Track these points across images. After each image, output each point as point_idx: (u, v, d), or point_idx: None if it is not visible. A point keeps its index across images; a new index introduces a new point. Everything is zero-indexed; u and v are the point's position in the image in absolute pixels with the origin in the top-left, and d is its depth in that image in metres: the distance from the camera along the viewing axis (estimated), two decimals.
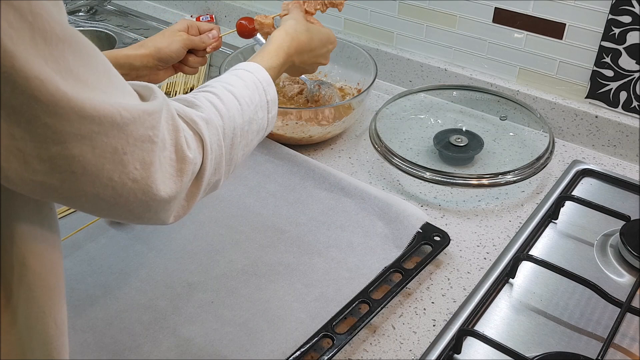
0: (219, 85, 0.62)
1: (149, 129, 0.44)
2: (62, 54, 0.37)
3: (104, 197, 0.43)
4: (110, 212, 0.46)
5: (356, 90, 1.12)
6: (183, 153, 0.49)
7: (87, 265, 0.78)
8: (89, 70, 0.39)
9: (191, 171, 0.51)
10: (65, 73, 0.37)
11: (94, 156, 0.40)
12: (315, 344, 0.67)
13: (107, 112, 0.40)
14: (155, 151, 0.45)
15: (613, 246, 0.80)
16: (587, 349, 0.67)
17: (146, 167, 0.44)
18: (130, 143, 0.42)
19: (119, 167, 0.42)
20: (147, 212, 0.48)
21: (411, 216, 0.82)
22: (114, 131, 0.41)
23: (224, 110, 0.59)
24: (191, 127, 0.53)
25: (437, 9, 1.10)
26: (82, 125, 0.38)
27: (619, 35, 0.93)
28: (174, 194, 0.48)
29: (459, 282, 0.77)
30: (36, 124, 0.36)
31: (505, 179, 0.88)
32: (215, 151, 0.55)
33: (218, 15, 1.43)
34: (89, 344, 0.68)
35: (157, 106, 0.46)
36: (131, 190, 0.44)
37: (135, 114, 0.42)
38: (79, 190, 0.41)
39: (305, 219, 0.85)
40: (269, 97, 0.66)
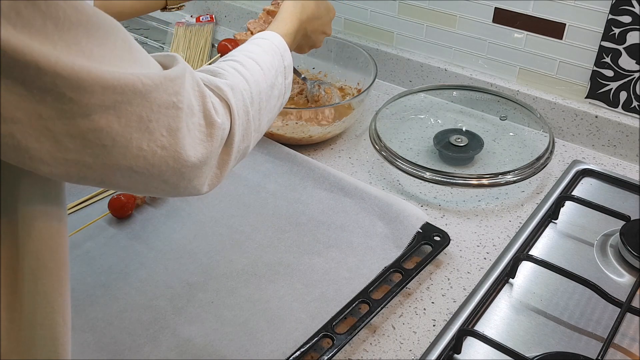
0: (240, 54, 0.64)
1: (172, 95, 0.45)
2: (75, 37, 0.37)
3: (137, 168, 0.44)
4: (147, 186, 0.47)
5: (356, 90, 1.12)
6: (211, 118, 0.50)
7: (87, 265, 0.78)
8: (106, 49, 0.40)
9: (220, 136, 0.51)
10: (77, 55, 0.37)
11: (120, 126, 0.41)
12: (315, 344, 0.67)
13: (129, 80, 0.40)
14: (181, 117, 0.46)
15: (613, 246, 0.80)
16: (587, 349, 0.67)
17: (173, 134, 0.45)
18: (154, 110, 0.43)
19: (146, 135, 0.43)
20: (181, 180, 0.48)
21: (411, 216, 0.82)
22: (137, 99, 0.41)
23: (248, 75, 0.60)
24: (217, 94, 0.54)
25: (437, 9, 1.10)
26: (105, 95, 0.39)
27: (619, 35, 0.93)
28: (204, 158, 0.49)
29: (459, 282, 0.77)
30: (62, 100, 0.37)
31: (505, 179, 0.88)
32: (242, 117, 0.56)
33: (218, 16, 1.43)
34: (89, 344, 0.68)
35: (179, 72, 0.46)
36: (162, 158, 0.45)
37: (157, 80, 0.43)
38: (112, 165, 0.42)
39: (305, 219, 0.85)
40: (286, 63, 0.68)
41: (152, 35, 1.39)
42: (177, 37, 1.34)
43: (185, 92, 0.47)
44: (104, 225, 0.84)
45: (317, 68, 1.18)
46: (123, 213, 0.85)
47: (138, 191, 0.48)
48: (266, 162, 0.96)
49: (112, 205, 0.85)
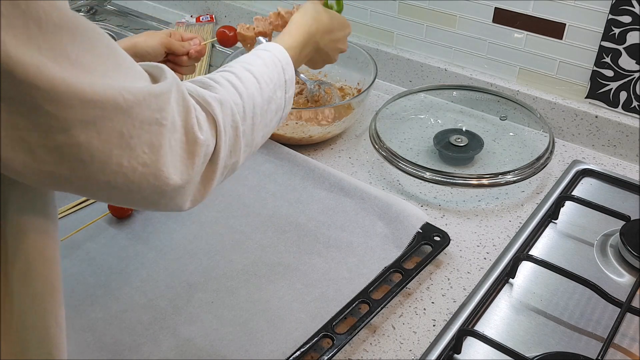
0: (238, 65, 0.62)
1: (156, 112, 0.43)
2: (59, 41, 0.36)
3: (116, 184, 0.43)
4: (126, 200, 0.46)
5: (356, 90, 1.12)
6: (194, 135, 0.48)
7: (87, 265, 0.78)
8: (91, 55, 0.39)
9: (203, 153, 0.50)
10: (62, 60, 0.36)
11: (100, 142, 0.39)
12: (315, 344, 0.67)
13: (110, 95, 0.39)
14: (164, 134, 0.44)
15: (613, 246, 0.80)
16: (587, 349, 0.67)
17: (155, 151, 0.44)
18: (136, 126, 0.42)
19: (126, 151, 0.42)
20: (161, 198, 0.47)
21: (411, 216, 0.82)
22: (118, 115, 0.40)
23: (242, 89, 0.58)
24: (204, 108, 0.52)
25: (437, 9, 1.10)
26: (85, 110, 0.38)
27: (619, 35, 0.93)
28: (186, 178, 0.48)
29: (459, 282, 0.77)
30: (38, 113, 0.36)
31: (505, 179, 0.88)
32: (229, 133, 0.54)
33: (218, 15, 1.43)
34: (88, 344, 0.68)
35: (165, 87, 0.45)
36: (142, 175, 0.44)
37: (140, 96, 0.42)
38: (90, 179, 0.41)
39: (305, 219, 0.85)
40: (287, 77, 0.66)
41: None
42: None
43: (170, 109, 0.45)
44: (104, 225, 0.84)
45: None
46: (123, 213, 0.86)
47: (117, 204, 0.48)
48: (266, 162, 0.96)
49: (112, 205, 0.85)
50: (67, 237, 0.81)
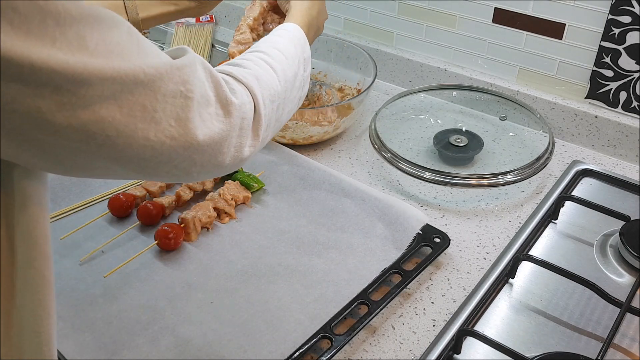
0: (264, 44, 0.64)
1: (180, 84, 0.44)
2: (77, 33, 0.37)
3: (145, 157, 0.43)
4: (157, 171, 0.46)
5: (356, 90, 1.12)
6: (227, 99, 0.49)
7: (87, 265, 0.78)
8: (110, 42, 0.39)
9: (239, 117, 0.51)
10: (79, 50, 0.37)
11: (122, 115, 0.40)
12: (314, 345, 0.67)
13: (129, 70, 0.40)
14: (191, 106, 0.45)
15: (613, 246, 0.80)
16: (587, 349, 0.67)
17: (182, 124, 0.44)
18: (159, 100, 0.42)
19: (152, 125, 0.42)
20: (192, 165, 0.48)
21: (411, 218, 0.82)
22: (139, 88, 0.40)
23: (275, 65, 0.60)
24: (240, 82, 0.54)
25: (436, 9, 1.10)
26: (104, 86, 0.38)
27: (618, 35, 0.93)
28: (218, 140, 0.48)
29: (459, 282, 0.77)
30: (60, 92, 0.36)
31: (505, 179, 0.88)
32: (268, 106, 0.56)
33: (218, 15, 1.43)
34: (87, 344, 0.67)
35: (187, 61, 0.45)
36: (171, 147, 0.44)
37: (162, 69, 0.42)
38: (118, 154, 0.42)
39: (304, 220, 0.85)
40: (306, 55, 0.68)
41: (152, 35, 1.39)
42: (176, 37, 1.34)
43: (197, 81, 0.46)
44: (104, 225, 0.84)
45: (317, 68, 1.18)
46: (122, 212, 0.85)
47: (147, 176, 0.47)
48: (266, 162, 0.96)
49: (112, 205, 0.85)
50: (67, 236, 0.81)
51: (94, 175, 0.46)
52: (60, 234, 0.81)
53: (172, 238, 0.79)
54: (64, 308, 0.71)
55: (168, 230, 0.79)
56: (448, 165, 0.97)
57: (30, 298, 0.46)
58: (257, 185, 0.90)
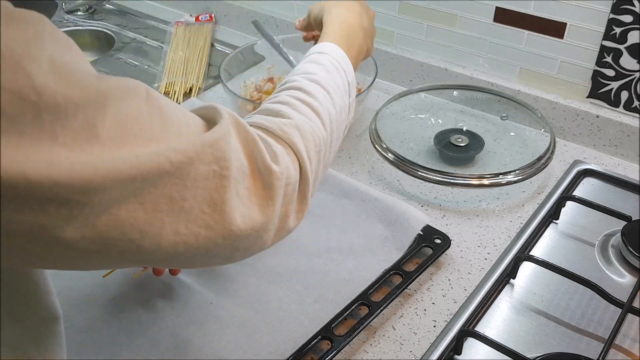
0: (300, 77, 0.54)
1: (213, 163, 0.37)
2: (84, 121, 0.31)
3: (178, 253, 0.37)
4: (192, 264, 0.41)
5: (356, 90, 1.12)
6: (268, 168, 0.41)
7: None
8: (127, 123, 0.33)
9: (283, 185, 0.43)
10: (87, 142, 0.31)
11: (146, 214, 0.34)
12: (314, 346, 0.67)
13: (152, 164, 0.33)
14: (227, 187, 0.38)
15: (614, 246, 0.80)
16: (588, 350, 0.67)
17: (218, 208, 0.37)
18: (188, 187, 0.35)
19: (182, 216, 0.35)
20: (235, 252, 0.42)
21: (412, 218, 0.82)
22: (164, 179, 0.34)
23: (316, 106, 0.51)
24: (279, 140, 0.46)
25: (437, 9, 1.09)
26: (122, 188, 0.32)
27: (620, 34, 0.92)
28: (265, 219, 0.41)
29: (460, 282, 0.77)
30: (68, 206, 0.30)
31: (506, 179, 0.87)
32: (314, 159, 0.48)
33: (218, 15, 1.42)
34: (87, 344, 0.67)
35: (222, 132, 0.38)
36: (208, 238, 0.37)
37: (191, 151, 0.35)
38: (147, 256, 0.35)
39: (304, 221, 0.85)
40: (349, 79, 0.59)
41: (151, 34, 1.39)
42: (176, 37, 1.34)
43: (234, 155, 0.38)
44: None
45: None
46: None
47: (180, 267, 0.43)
48: None
49: None
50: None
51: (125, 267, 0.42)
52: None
53: None
54: (64, 308, 0.70)
55: None
56: (449, 165, 0.97)
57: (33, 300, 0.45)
58: None
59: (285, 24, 1.30)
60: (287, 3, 1.30)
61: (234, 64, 1.11)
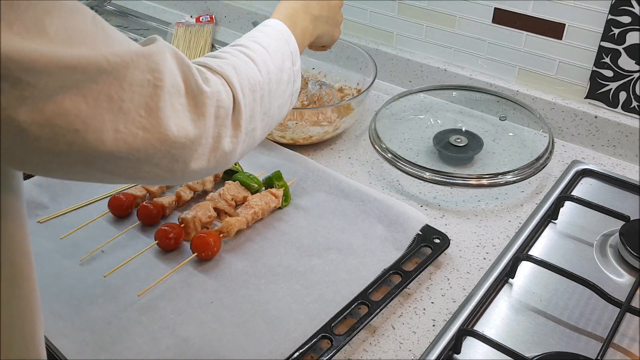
0: (245, 39, 0.62)
1: (147, 72, 0.42)
2: (34, 16, 0.35)
3: (120, 154, 0.41)
4: (138, 172, 0.44)
5: (356, 91, 1.12)
6: (199, 88, 0.47)
7: (87, 265, 0.78)
8: (73, 29, 0.37)
9: (214, 105, 0.48)
10: (37, 35, 0.35)
11: (88, 106, 0.38)
12: (314, 345, 0.67)
13: (91, 59, 0.37)
14: (161, 96, 0.43)
15: (613, 246, 0.80)
16: (587, 349, 0.67)
17: (153, 114, 0.42)
18: (125, 89, 0.40)
19: (120, 116, 0.40)
20: (174, 163, 0.46)
21: (411, 218, 0.82)
22: (103, 77, 0.38)
23: (254, 56, 0.58)
24: (214, 72, 0.52)
25: (436, 9, 1.10)
26: (65, 75, 0.36)
27: (618, 35, 0.93)
28: (195, 136, 0.46)
29: (459, 282, 0.77)
30: (20, 86, 0.34)
31: (505, 179, 0.88)
32: (247, 95, 0.54)
33: (218, 16, 1.43)
34: (87, 343, 0.68)
35: (156, 48, 0.43)
36: (145, 140, 0.42)
37: (127, 57, 0.40)
38: (91, 152, 0.39)
39: (304, 221, 0.85)
40: (292, 48, 0.66)
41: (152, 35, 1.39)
42: (176, 38, 1.34)
43: (167, 70, 0.44)
44: (104, 225, 0.84)
45: (316, 68, 1.18)
46: (123, 212, 0.85)
47: (129, 179, 0.45)
48: (266, 162, 0.96)
49: (112, 205, 0.85)
50: (67, 236, 0.81)
51: (78, 180, 0.45)
52: (60, 234, 0.81)
53: (172, 238, 0.79)
54: (64, 308, 0.71)
55: (168, 230, 0.80)
56: (448, 165, 0.98)
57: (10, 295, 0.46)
58: (257, 185, 0.90)
59: None
60: None
61: None
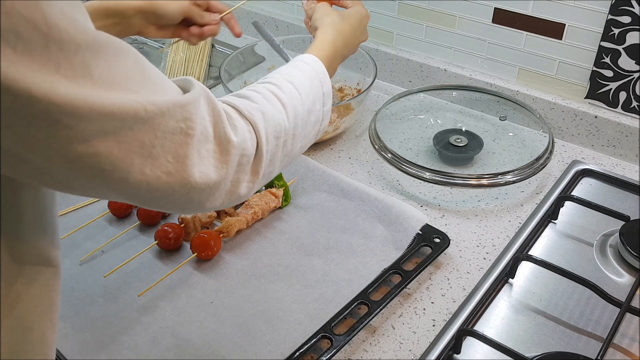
0: (277, 76, 0.62)
1: (181, 121, 0.43)
2: (82, 60, 0.36)
3: (141, 191, 0.43)
4: (152, 204, 0.46)
5: (356, 91, 1.12)
6: (226, 137, 0.49)
7: (87, 265, 0.78)
8: (116, 72, 0.39)
9: (238, 154, 0.50)
10: (82, 79, 0.36)
11: (120, 151, 0.40)
12: (314, 345, 0.67)
13: (130, 108, 0.39)
14: (190, 144, 0.44)
15: (612, 246, 0.80)
16: (587, 349, 0.67)
17: (180, 160, 0.44)
18: (158, 136, 0.42)
19: (149, 160, 0.42)
20: (189, 202, 0.48)
21: (411, 218, 0.82)
22: (139, 125, 0.40)
23: (285, 99, 0.59)
24: (243, 117, 0.53)
25: (436, 9, 1.10)
26: (104, 122, 0.38)
27: (618, 35, 0.93)
28: (215, 183, 0.48)
29: (459, 282, 0.77)
30: (57, 127, 0.36)
31: (505, 179, 0.88)
32: (271, 142, 0.55)
33: None
34: (88, 343, 0.68)
35: (192, 97, 0.45)
36: (167, 183, 0.44)
37: (164, 107, 0.42)
38: (113, 186, 0.42)
39: (304, 221, 0.85)
40: (325, 90, 0.66)
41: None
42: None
43: (199, 118, 0.45)
44: (104, 224, 0.84)
45: None
46: (123, 212, 0.85)
47: (143, 205, 0.47)
48: None
49: (112, 205, 0.85)
50: (67, 236, 0.81)
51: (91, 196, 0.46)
52: (60, 234, 0.81)
53: (172, 238, 0.79)
54: (64, 308, 0.71)
55: (168, 230, 0.80)
56: (448, 165, 0.98)
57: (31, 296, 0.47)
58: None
59: (285, 25, 1.30)
60: (287, 4, 1.31)
61: (235, 64, 1.11)
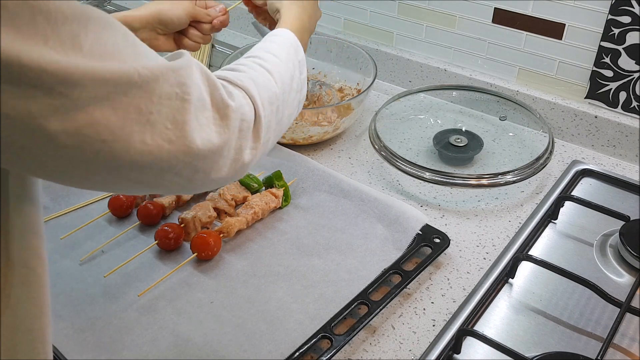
0: (257, 50, 0.64)
1: (176, 86, 0.43)
2: (70, 32, 0.36)
3: (144, 163, 0.42)
4: (158, 180, 0.45)
5: (356, 91, 1.12)
6: (224, 103, 0.48)
7: (87, 265, 0.78)
8: (106, 44, 0.38)
9: (238, 118, 0.50)
10: (72, 50, 0.36)
11: (117, 118, 0.39)
12: (314, 345, 0.67)
13: (123, 72, 0.38)
14: (188, 109, 0.44)
15: (612, 246, 0.80)
16: (587, 349, 0.67)
17: (179, 126, 0.43)
18: (154, 101, 0.41)
19: (147, 127, 0.41)
20: (195, 173, 0.47)
21: (411, 218, 0.82)
22: (133, 90, 0.40)
23: (270, 67, 0.60)
24: (236, 86, 0.53)
25: (436, 9, 1.10)
26: (98, 88, 0.37)
27: (618, 35, 0.93)
28: (218, 148, 0.47)
29: (459, 282, 0.77)
30: (52, 95, 0.35)
31: (505, 179, 0.88)
32: (267, 108, 0.55)
33: None
34: (88, 343, 0.68)
35: (184, 62, 0.45)
36: (169, 151, 0.43)
37: (157, 71, 0.41)
38: (116, 162, 0.41)
39: (304, 221, 0.85)
40: (299, 57, 0.67)
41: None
42: None
43: (194, 84, 0.45)
44: (104, 224, 0.84)
45: (317, 68, 1.18)
46: (123, 212, 0.85)
47: (149, 187, 0.46)
48: (265, 162, 0.96)
49: (112, 205, 0.85)
50: (67, 236, 0.81)
51: (96, 189, 0.45)
52: (60, 234, 0.81)
53: (172, 238, 0.79)
54: (64, 308, 0.71)
55: (168, 230, 0.80)
56: (448, 165, 0.98)
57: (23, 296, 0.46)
58: (257, 185, 0.90)
59: None
60: None
61: None
